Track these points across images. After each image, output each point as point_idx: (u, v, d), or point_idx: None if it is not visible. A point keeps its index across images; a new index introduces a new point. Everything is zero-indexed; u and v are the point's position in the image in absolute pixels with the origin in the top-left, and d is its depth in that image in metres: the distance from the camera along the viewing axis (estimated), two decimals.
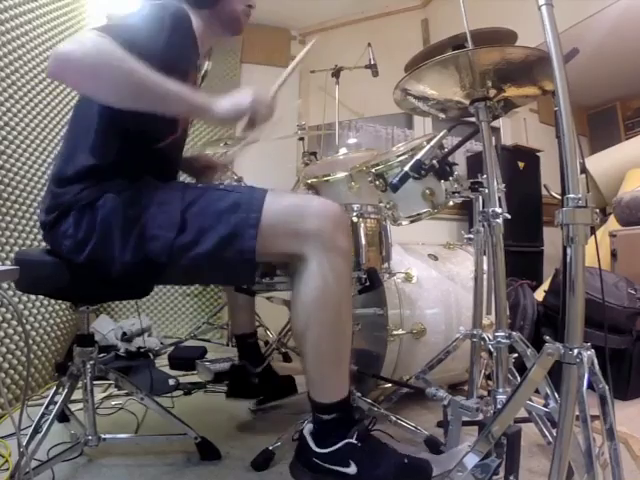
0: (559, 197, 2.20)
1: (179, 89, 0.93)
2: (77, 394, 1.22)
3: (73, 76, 0.88)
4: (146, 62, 0.89)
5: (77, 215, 1.00)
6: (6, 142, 1.68)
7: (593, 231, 0.77)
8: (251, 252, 0.95)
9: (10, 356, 1.59)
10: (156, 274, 1.01)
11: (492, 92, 1.17)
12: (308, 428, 1.04)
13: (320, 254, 0.96)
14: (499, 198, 1.15)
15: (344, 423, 1.01)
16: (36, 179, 1.89)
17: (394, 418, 1.40)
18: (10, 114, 1.70)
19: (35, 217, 1.88)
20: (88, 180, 1.02)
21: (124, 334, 2.44)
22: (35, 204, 1.88)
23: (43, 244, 1.91)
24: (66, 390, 1.20)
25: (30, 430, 1.11)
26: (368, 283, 1.29)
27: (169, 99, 0.93)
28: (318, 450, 1.00)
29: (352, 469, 0.97)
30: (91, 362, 1.19)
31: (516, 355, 1.15)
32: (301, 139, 2.74)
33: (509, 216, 1.15)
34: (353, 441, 0.99)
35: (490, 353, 1.15)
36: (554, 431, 0.92)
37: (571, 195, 0.75)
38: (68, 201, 1.01)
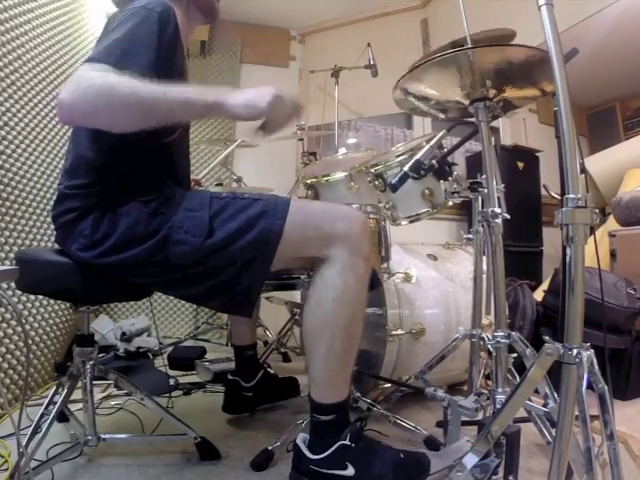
0: (558, 197, 2.20)
1: (186, 94, 0.92)
2: (77, 394, 1.22)
3: (82, 120, 0.90)
4: (142, 72, 0.89)
5: (97, 217, 1.00)
6: (6, 142, 1.68)
7: (592, 231, 0.77)
8: (271, 256, 1.00)
9: (10, 356, 1.59)
10: (170, 275, 1.02)
11: (492, 92, 1.17)
12: (301, 437, 1.05)
13: (345, 256, 1.00)
14: (498, 198, 1.15)
15: (339, 425, 1.02)
16: (35, 179, 1.89)
17: (393, 418, 1.41)
18: (10, 114, 1.70)
19: (35, 217, 1.88)
20: (116, 184, 1.02)
21: (123, 334, 2.44)
22: (35, 204, 1.88)
23: (43, 244, 1.92)
24: (66, 390, 1.19)
25: (30, 430, 1.11)
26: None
27: (179, 108, 0.92)
28: (313, 457, 1.01)
29: (350, 471, 0.98)
30: (91, 362, 1.19)
31: (515, 355, 1.15)
32: (300, 139, 2.74)
33: (508, 216, 1.15)
34: (346, 443, 1.00)
35: (489, 353, 1.15)
36: (553, 431, 0.92)
37: (571, 195, 0.75)
38: (90, 204, 1.01)
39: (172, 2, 1.07)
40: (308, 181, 1.63)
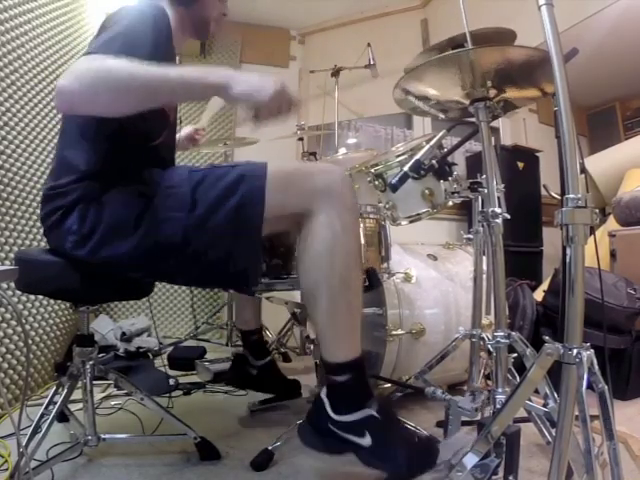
0: (558, 197, 2.20)
1: (187, 75, 0.92)
2: (76, 394, 1.22)
3: (82, 107, 0.89)
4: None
5: (83, 210, 1.00)
6: (5, 142, 1.68)
7: (592, 231, 0.77)
8: (259, 217, 0.99)
9: (10, 356, 1.59)
10: (166, 258, 1.01)
11: (492, 92, 1.17)
12: (325, 391, 1.01)
13: (329, 208, 0.99)
14: (498, 198, 1.15)
15: (360, 388, 0.99)
16: (36, 179, 1.89)
17: None
18: (10, 114, 1.70)
19: (35, 217, 1.88)
20: (92, 178, 1.02)
21: (123, 334, 2.44)
22: (35, 204, 1.88)
23: (43, 244, 1.92)
24: (65, 390, 1.20)
25: (30, 430, 1.12)
26: (367, 283, 1.29)
27: (180, 89, 0.93)
28: (335, 417, 0.97)
29: (367, 440, 0.94)
30: (91, 362, 1.19)
31: (515, 355, 1.15)
32: (300, 139, 2.74)
33: (508, 216, 1.15)
34: (374, 414, 0.96)
35: (489, 353, 1.15)
36: (553, 431, 0.92)
37: (571, 195, 0.75)
38: (73, 199, 1.01)
39: (168, 8, 1.10)
40: None
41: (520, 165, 3.20)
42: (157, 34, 1.00)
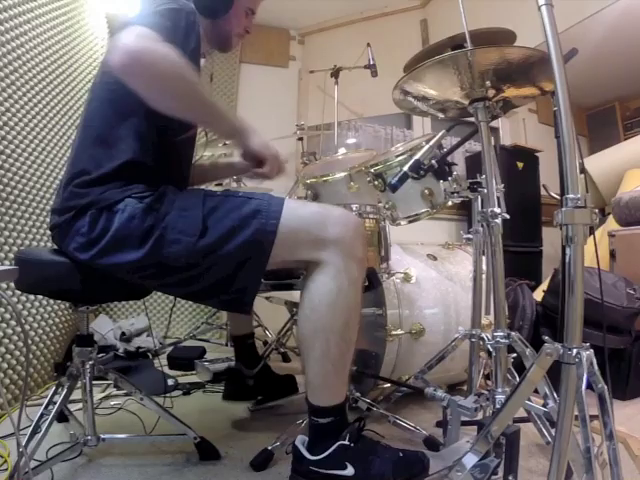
0: (558, 197, 2.20)
1: (224, 107, 1.02)
2: (76, 394, 1.22)
3: (142, 80, 0.91)
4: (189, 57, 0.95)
5: (95, 215, 1.00)
6: (5, 142, 1.68)
7: (592, 231, 0.77)
8: (266, 257, 0.98)
9: (9, 356, 1.59)
10: (166, 275, 1.01)
11: (491, 92, 1.17)
12: (300, 439, 1.06)
13: (338, 261, 0.99)
14: (498, 198, 1.15)
15: (338, 427, 1.02)
16: (35, 179, 1.89)
17: (393, 418, 1.41)
18: (9, 114, 1.70)
19: (35, 217, 1.88)
20: (113, 182, 1.01)
21: (123, 334, 2.44)
22: (34, 204, 1.88)
23: (43, 244, 1.92)
24: (65, 390, 1.19)
25: (29, 430, 1.11)
26: (367, 283, 1.29)
27: (217, 115, 1.04)
28: (312, 458, 1.01)
29: (349, 470, 0.98)
30: (90, 362, 1.19)
31: (515, 355, 1.15)
32: (300, 139, 2.74)
33: (508, 216, 1.15)
34: (345, 443, 1.00)
35: (489, 353, 1.15)
36: (553, 431, 0.92)
37: (570, 195, 0.75)
38: (89, 201, 1.00)
39: (199, 17, 1.09)
40: (308, 181, 1.62)
41: (520, 165, 3.20)
42: (187, 36, 1.01)
